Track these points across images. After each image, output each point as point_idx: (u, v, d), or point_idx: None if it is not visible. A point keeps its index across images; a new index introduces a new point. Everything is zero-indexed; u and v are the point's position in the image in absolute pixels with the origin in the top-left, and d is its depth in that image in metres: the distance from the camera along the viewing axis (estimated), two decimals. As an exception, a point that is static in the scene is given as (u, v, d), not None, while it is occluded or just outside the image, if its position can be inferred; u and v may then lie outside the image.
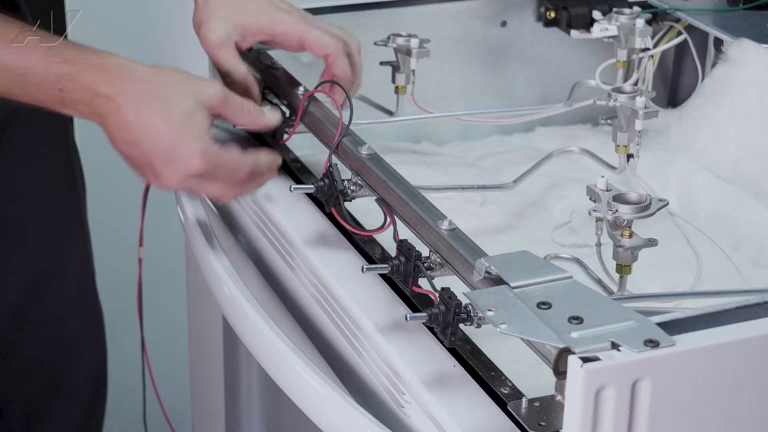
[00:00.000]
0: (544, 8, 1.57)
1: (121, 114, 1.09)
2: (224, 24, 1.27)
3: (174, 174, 1.11)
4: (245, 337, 1.14)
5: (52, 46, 1.10)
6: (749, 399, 0.85)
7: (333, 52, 1.28)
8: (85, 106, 1.10)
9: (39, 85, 1.09)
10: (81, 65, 1.10)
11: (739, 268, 1.29)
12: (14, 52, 1.09)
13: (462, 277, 1.01)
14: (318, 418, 1.03)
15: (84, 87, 1.10)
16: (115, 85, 1.10)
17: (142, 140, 1.10)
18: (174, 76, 1.13)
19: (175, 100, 1.10)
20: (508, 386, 0.94)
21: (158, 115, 1.09)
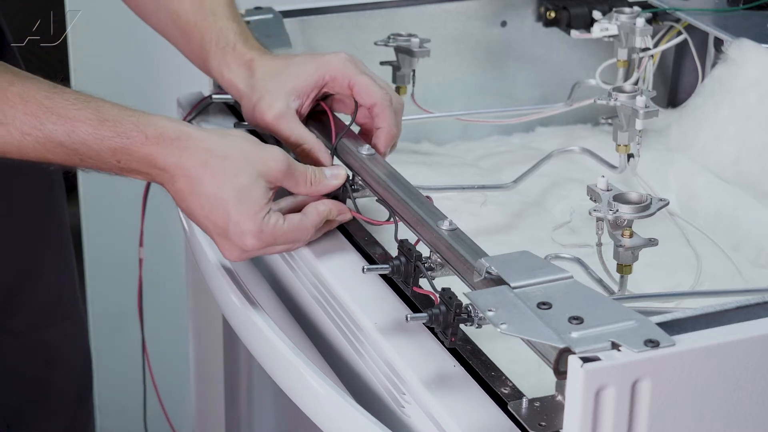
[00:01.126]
0: (544, 8, 1.57)
1: (176, 186, 1.08)
2: (277, 96, 1.21)
3: (231, 250, 1.09)
4: (245, 337, 1.14)
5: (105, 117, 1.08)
6: (749, 399, 0.86)
7: (380, 103, 1.21)
8: (144, 175, 1.10)
9: (95, 159, 1.08)
10: (136, 138, 1.08)
11: (739, 268, 1.29)
12: (65, 127, 1.07)
13: (462, 277, 1.01)
14: (318, 418, 1.03)
15: (140, 159, 1.08)
16: (172, 156, 1.08)
17: (196, 214, 1.09)
18: (237, 145, 1.09)
19: (231, 173, 1.07)
20: (508, 386, 0.94)
21: (211, 190, 1.07)
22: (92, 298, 2.15)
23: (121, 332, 2.14)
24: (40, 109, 1.07)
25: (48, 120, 1.07)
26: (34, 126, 1.07)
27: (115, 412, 2.20)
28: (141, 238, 1.45)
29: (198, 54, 1.29)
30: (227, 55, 1.26)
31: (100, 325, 2.17)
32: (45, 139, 1.07)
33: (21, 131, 1.07)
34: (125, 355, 2.10)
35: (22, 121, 1.07)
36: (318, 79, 1.21)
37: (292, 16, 1.49)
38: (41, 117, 1.07)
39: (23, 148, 1.08)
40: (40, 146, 1.08)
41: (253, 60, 1.25)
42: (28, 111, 1.07)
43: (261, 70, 1.23)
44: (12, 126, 1.07)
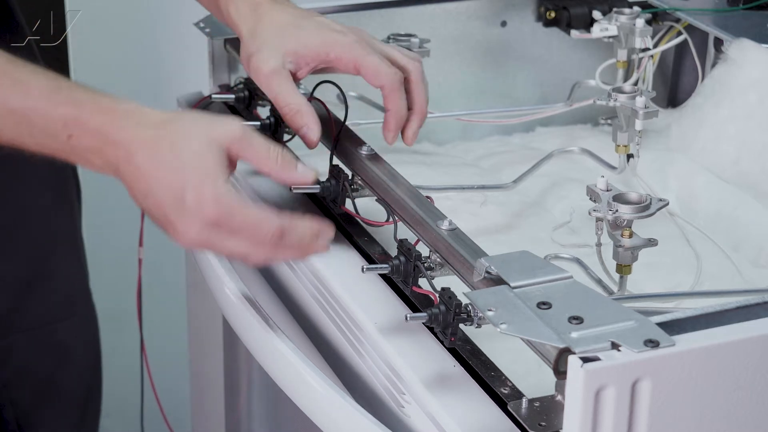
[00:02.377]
0: (544, 8, 1.57)
1: (133, 162, 1.00)
2: (275, 53, 1.17)
3: (188, 224, 0.99)
4: (245, 337, 1.14)
5: (60, 86, 1.02)
6: (749, 399, 0.85)
7: (388, 85, 1.16)
8: (96, 156, 1.01)
9: (46, 129, 1.01)
10: (89, 107, 1.01)
11: (739, 268, 1.29)
12: (19, 92, 1.01)
13: (462, 277, 1.01)
14: (318, 418, 1.03)
15: (93, 132, 1.01)
16: (126, 129, 1.01)
17: (154, 189, 1.00)
18: (188, 118, 1.03)
19: (184, 141, 1.00)
20: (508, 386, 0.94)
21: (168, 160, 0.99)
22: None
23: (120, 332, 2.14)
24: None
25: (2, 83, 1.02)
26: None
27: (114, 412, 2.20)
28: (141, 238, 1.44)
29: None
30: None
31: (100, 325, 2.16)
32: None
33: None
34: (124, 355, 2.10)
35: None
36: (322, 54, 1.17)
37: (292, 16, 1.49)
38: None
39: None
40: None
41: (261, 4, 1.20)
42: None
43: (267, 18, 1.19)
44: None
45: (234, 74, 1.48)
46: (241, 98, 1.38)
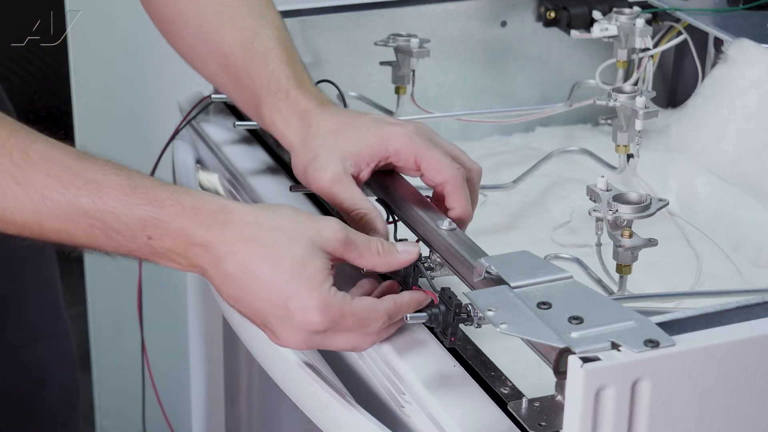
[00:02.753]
0: (544, 8, 1.57)
1: (222, 267, 0.94)
2: (333, 158, 1.08)
3: (292, 333, 0.94)
4: (245, 337, 1.14)
5: (135, 184, 0.95)
6: (749, 399, 0.85)
7: (452, 181, 1.07)
8: (180, 257, 0.95)
9: (123, 232, 0.94)
10: (171, 207, 0.94)
11: (739, 268, 1.29)
12: (91, 192, 0.94)
13: (462, 277, 1.01)
14: (318, 418, 1.03)
15: (176, 234, 0.94)
16: (212, 230, 0.93)
17: (250, 297, 0.94)
18: (284, 215, 0.96)
19: (284, 246, 0.93)
20: (508, 386, 0.94)
21: (266, 265, 0.93)
22: (92, 298, 2.15)
23: (120, 332, 2.14)
24: (65, 171, 0.95)
25: (72, 183, 0.94)
26: (56, 189, 0.94)
27: (115, 412, 2.21)
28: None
29: (250, 101, 1.17)
30: (279, 102, 1.13)
31: (100, 326, 2.17)
32: (67, 205, 0.94)
33: (41, 194, 0.94)
34: (125, 355, 2.10)
35: (43, 183, 0.94)
36: (381, 149, 1.08)
37: (292, 16, 1.49)
38: (65, 179, 0.94)
39: (42, 216, 0.95)
40: (61, 213, 0.94)
41: (308, 111, 1.12)
42: (50, 172, 0.94)
43: (318, 125, 1.11)
44: (31, 188, 0.94)
45: (234, 74, 1.48)
46: (241, 98, 1.38)
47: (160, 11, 1.27)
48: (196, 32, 1.22)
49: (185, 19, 1.23)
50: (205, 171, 1.39)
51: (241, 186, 1.29)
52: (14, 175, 0.95)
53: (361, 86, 1.49)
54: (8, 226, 0.96)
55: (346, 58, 1.52)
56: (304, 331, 0.93)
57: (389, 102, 1.47)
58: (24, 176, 0.94)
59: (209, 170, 1.39)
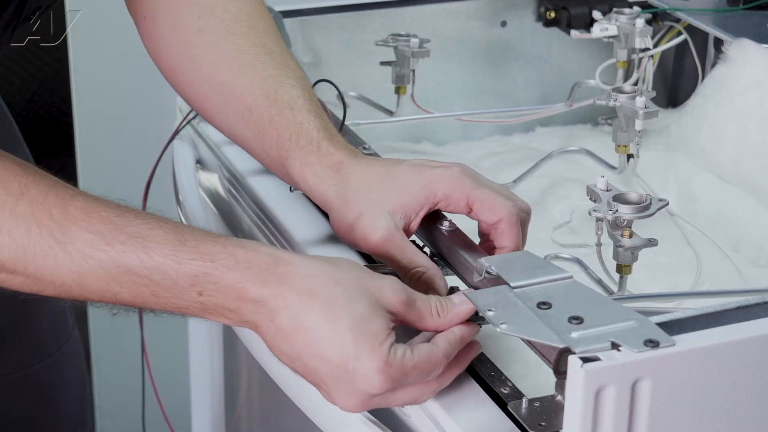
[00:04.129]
0: (544, 8, 1.57)
1: (276, 323, 0.88)
2: (380, 214, 1.01)
3: (350, 396, 0.88)
4: (245, 337, 1.14)
5: (184, 238, 0.89)
6: (749, 399, 0.85)
7: (507, 219, 1.01)
8: (232, 312, 0.89)
9: (172, 289, 0.89)
10: (222, 261, 0.88)
11: (739, 268, 1.29)
12: (136, 248, 0.89)
13: (462, 277, 1.01)
14: (318, 418, 1.03)
15: (227, 289, 0.88)
16: (266, 285, 0.88)
17: (305, 355, 0.88)
18: (347, 271, 0.90)
19: (344, 303, 0.88)
20: (508, 386, 0.94)
21: (324, 322, 0.87)
22: (92, 298, 2.14)
23: (120, 332, 2.14)
24: (107, 226, 0.89)
25: (116, 239, 0.89)
26: (98, 246, 0.89)
27: (115, 412, 2.20)
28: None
29: (275, 155, 1.09)
30: (310, 155, 1.05)
31: (100, 326, 2.17)
32: (110, 263, 0.89)
33: (83, 253, 0.89)
34: (125, 355, 2.10)
35: (84, 240, 0.89)
36: (429, 196, 1.01)
37: (292, 16, 1.49)
38: (108, 236, 0.89)
39: (84, 276, 0.90)
40: (104, 272, 0.89)
41: (342, 163, 1.05)
42: (92, 228, 0.89)
43: (356, 177, 1.04)
44: (72, 246, 0.89)
45: (234, 74, 1.48)
46: (241, 98, 1.38)
47: (169, 60, 1.18)
48: (211, 81, 1.13)
49: (199, 67, 1.14)
50: (205, 171, 1.39)
51: (241, 186, 1.29)
52: (54, 234, 0.89)
53: (361, 86, 1.49)
54: (47, 286, 0.92)
55: (346, 58, 1.52)
56: (363, 394, 0.88)
57: (389, 102, 1.47)
58: (65, 234, 0.89)
59: (209, 170, 1.39)
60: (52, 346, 1.42)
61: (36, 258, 0.89)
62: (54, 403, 1.46)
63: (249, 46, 1.13)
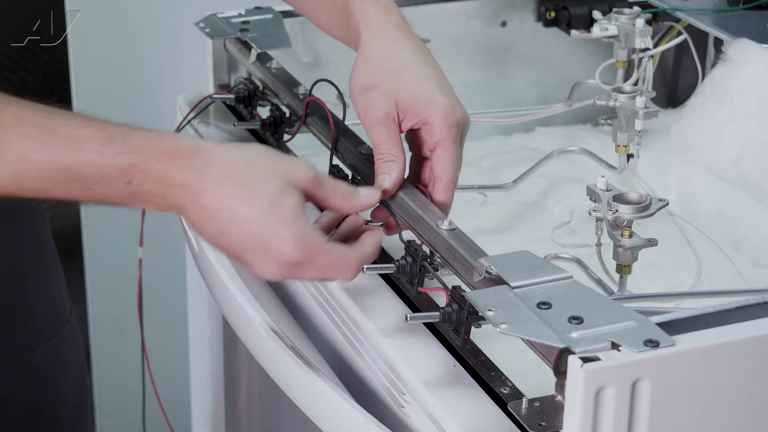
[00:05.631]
0: (544, 8, 1.57)
1: (200, 204, 0.97)
2: (388, 99, 1.12)
3: (268, 265, 0.98)
4: (245, 337, 1.14)
5: (111, 134, 0.96)
6: (749, 399, 0.86)
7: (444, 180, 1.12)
8: (158, 198, 0.97)
9: (102, 182, 0.96)
10: (149, 153, 0.96)
11: (739, 268, 1.29)
12: (69, 147, 0.95)
13: (462, 277, 1.01)
14: (318, 418, 1.03)
15: (155, 177, 0.96)
16: (190, 170, 0.97)
17: (227, 231, 0.97)
18: (257, 155, 1.00)
19: (260, 182, 0.97)
20: (508, 386, 0.94)
21: (243, 201, 0.97)
22: (92, 298, 2.15)
23: (121, 332, 2.14)
24: (40, 130, 0.96)
25: (49, 141, 0.95)
26: (34, 149, 0.95)
27: (115, 412, 2.21)
28: (141, 238, 1.44)
29: None
30: None
31: (100, 325, 2.17)
32: (47, 163, 0.95)
33: (19, 156, 0.95)
34: (125, 355, 2.10)
35: (20, 145, 0.95)
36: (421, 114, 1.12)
37: (292, 16, 1.49)
38: (41, 138, 0.96)
39: (20, 177, 0.96)
40: (39, 173, 0.96)
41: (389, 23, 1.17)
42: (26, 133, 0.96)
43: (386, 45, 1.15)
44: (8, 151, 0.95)
45: (234, 74, 1.48)
46: (241, 98, 1.38)
47: None
48: None
49: None
50: (205, 171, 1.39)
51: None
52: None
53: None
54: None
55: (346, 58, 1.51)
56: (279, 263, 0.97)
57: (389, 102, 1.47)
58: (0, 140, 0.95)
59: (209, 170, 1.38)
60: (50, 331, 1.45)
61: None
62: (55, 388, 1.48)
63: None
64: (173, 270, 1.98)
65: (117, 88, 2.02)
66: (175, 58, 2.00)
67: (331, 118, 1.22)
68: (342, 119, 1.22)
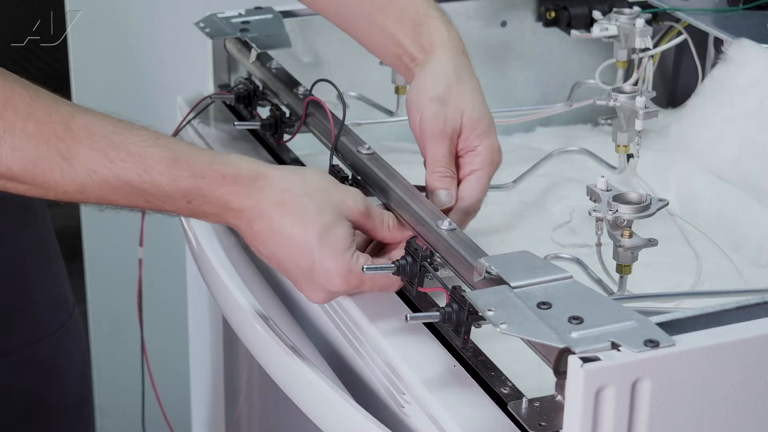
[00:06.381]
0: (544, 8, 1.57)
1: (254, 229, 1.03)
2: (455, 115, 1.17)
3: (316, 291, 1.04)
4: (245, 337, 1.14)
5: (177, 156, 1.01)
6: (749, 399, 0.86)
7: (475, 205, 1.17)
8: (215, 217, 1.04)
9: (165, 200, 1.02)
10: (211, 178, 1.02)
11: (739, 268, 1.29)
12: (135, 165, 1.00)
13: (462, 277, 1.01)
14: (318, 418, 1.03)
15: (214, 200, 1.02)
16: (248, 198, 1.02)
17: (279, 256, 1.03)
18: (315, 183, 1.04)
19: (313, 212, 1.02)
20: (508, 386, 0.94)
21: (296, 231, 1.02)
22: (92, 298, 2.15)
23: (120, 332, 2.14)
24: (109, 144, 1.00)
25: (117, 157, 1.00)
26: (102, 163, 1.00)
27: (115, 412, 2.21)
28: (141, 238, 1.44)
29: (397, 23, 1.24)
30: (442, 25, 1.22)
31: (100, 325, 2.17)
32: (113, 177, 1.00)
33: (87, 168, 1.00)
34: (125, 355, 2.10)
35: (88, 157, 1.00)
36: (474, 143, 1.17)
37: (292, 16, 1.49)
38: (110, 153, 1.00)
39: (86, 188, 1.01)
40: (106, 185, 1.01)
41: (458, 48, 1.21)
42: (95, 146, 1.00)
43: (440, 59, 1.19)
44: (77, 162, 1.00)
45: (234, 74, 1.48)
46: (241, 98, 1.38)
47: None
48: None
49: None
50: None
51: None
52: (60, 151, 1.00)
53: (361, 86, 1.49)
54: (49, 192, 1.02)
55: (346, 58, 1.52)
56: (326, 291, 1.04)
57: (389, 102, 1.47)
58: (69, 151, 0.99)
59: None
60: (54, 323, 1.47)
61: (44, 171, 1.00)
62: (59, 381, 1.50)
63: None
64: (173, 270, 1.98)
65: (117, 88, 2.02)
66: (175, 58, 2.00)
67: (331, 118, 1.22)
68: (342, 119, 1.22)
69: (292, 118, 1.31)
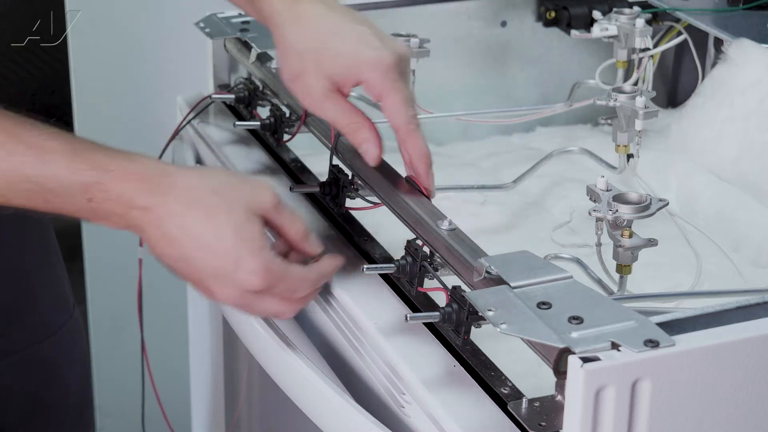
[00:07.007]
0: (544, 8, 1.57)
1: (162, 229, 0.97)
2: (319, 77, 1.10)
3: (229, 292, 0.99)
4: (245, 337, 1.14)
5: (77, 149, 0.96)
6: (749, 399, 0.86)
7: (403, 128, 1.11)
8: (118, 217, 0.98)
9: (63, 195, 0.96)
10: (113, 172, 0.96)
11: (739, 268, 1.29)
12: (35, 158, 0.95)
13: (462, 277, 1.01)
14: (318, 418, 1.03)
15: (117, 197, 0.96)
16: (155, 194, 0.97)
17: (192, 258, 0.98)
18: (222, 181, 1.01)
19: (223, 211, 0.98)
20: (508, 386, 0.94)
21: (209, 231, 0.97)
22: (92, 298, 2.15)
23: (120, 332, 2.14)
24: (8, 137, 0.96)
25: (16, 149, 0.96)
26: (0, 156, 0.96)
27: (115, 412, 2.21)
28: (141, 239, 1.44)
29: None
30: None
31: (100, 326, 2.17)
32: (10, 171, 0.96)
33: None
34: (125, 355, 2.10)
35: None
36: (353, 77, 1.10)
37: (292, 16, 1.49)
38: (8, 145, 0.96)
39: None
40: (4, 181, 0.96)
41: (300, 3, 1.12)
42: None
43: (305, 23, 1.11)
44: None
45: (234, 74, 1.48)
46: (241, 98, 1.38)
47: None
48: None
49: None
50: (205, 171, 1.39)
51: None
52: None
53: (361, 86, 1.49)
54: None
55: (346, 58, 1.52)
56: (241, 291, 0.98)
57: (389, 102, 1.47)
58: None
59: (209, 170, 1.39)
60: (55, 324, 1.46)
61: None
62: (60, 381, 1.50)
63: None
64: (173, 270, 1.98)
65: (117, 88, 2.02)
66: (175, 58, 2.00)
67: None
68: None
69: (292, 118, 1.31)
